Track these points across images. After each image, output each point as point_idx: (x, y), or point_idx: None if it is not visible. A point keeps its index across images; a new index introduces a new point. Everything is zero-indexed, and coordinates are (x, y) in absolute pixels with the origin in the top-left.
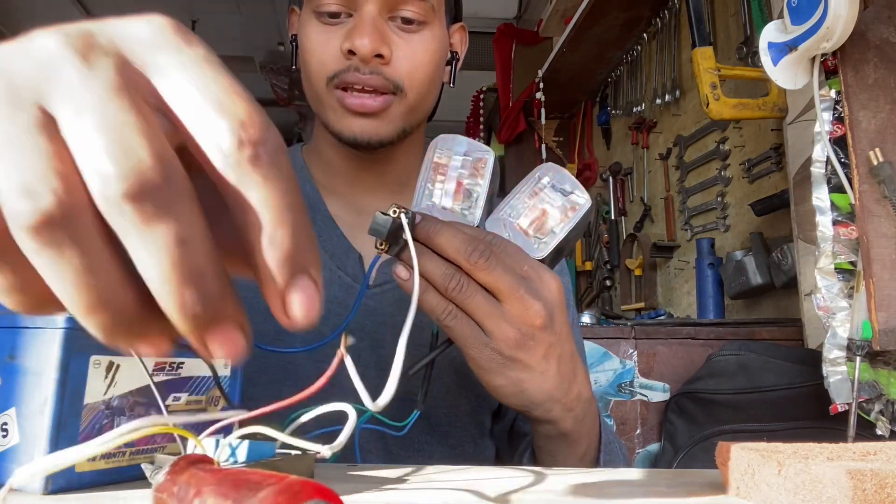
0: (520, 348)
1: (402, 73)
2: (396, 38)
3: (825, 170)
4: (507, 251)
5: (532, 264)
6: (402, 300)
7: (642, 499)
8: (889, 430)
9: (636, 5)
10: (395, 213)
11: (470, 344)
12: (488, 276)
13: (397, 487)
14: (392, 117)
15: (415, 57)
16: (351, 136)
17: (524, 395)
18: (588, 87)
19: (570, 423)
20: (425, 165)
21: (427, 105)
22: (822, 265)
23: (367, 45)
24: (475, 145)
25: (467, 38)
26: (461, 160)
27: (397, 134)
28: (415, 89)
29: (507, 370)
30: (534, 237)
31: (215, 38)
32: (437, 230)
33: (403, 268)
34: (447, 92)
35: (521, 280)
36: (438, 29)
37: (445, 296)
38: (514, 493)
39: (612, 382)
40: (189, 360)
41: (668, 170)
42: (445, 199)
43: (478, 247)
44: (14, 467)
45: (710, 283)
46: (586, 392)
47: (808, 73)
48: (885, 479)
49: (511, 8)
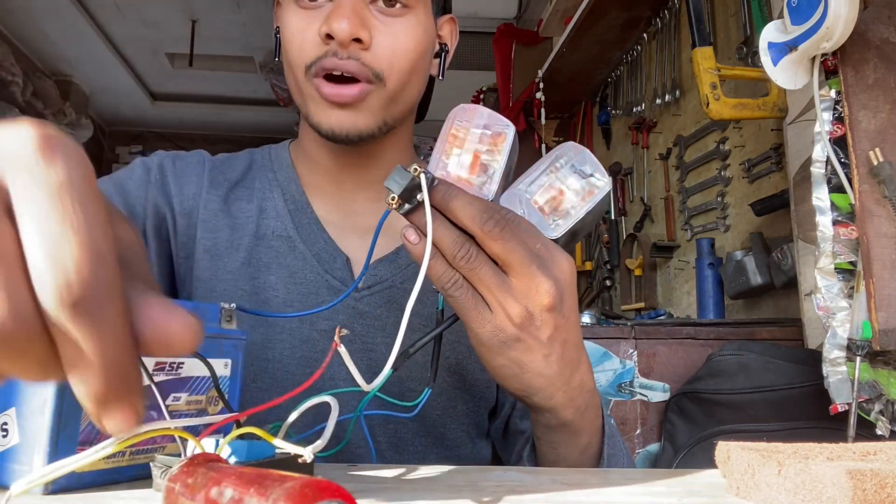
0: (524, 327)
1: (382, 60)
2: (377, 22)
3: (825, 170)
4: (521, 226)
5: (545, 242)
6: (391, 302)
7: (642, 499)
8: (889, 430)
9: (636, 5)
10: (415, 170)
11: (473, 317)
12: (501, 247)
13: (397, 487)
14: (371, 108)
15: (396, 43)
16: (328, 129)
17: (524, 377)
18: (588, 87)
19: (572, 412)
20: (441, 136)
21: (410, 96)
22: (822, 265)
23: (345, 29)
24: (495, 118)
25: (457, 32)
26: (479, 133)
27: (378, 126)
28: (395, 78)
29: (508, 349)
30: (549, 216)
31: (215, 38)
32: (452, 195)
33: (414, 231)
34: (447, 92)
35: (533, 255)
36: (423, 15)
37: (452, 264)
38: (514, 494)
39: (612, 382)
40: (189, 360)
41: (668, 170)
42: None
43: (493, 216)
44: (14, 467)
45: (710, 283)
46: (589, 382)
47: (808, 73)
48: (885, 479)
49: (511, 8)
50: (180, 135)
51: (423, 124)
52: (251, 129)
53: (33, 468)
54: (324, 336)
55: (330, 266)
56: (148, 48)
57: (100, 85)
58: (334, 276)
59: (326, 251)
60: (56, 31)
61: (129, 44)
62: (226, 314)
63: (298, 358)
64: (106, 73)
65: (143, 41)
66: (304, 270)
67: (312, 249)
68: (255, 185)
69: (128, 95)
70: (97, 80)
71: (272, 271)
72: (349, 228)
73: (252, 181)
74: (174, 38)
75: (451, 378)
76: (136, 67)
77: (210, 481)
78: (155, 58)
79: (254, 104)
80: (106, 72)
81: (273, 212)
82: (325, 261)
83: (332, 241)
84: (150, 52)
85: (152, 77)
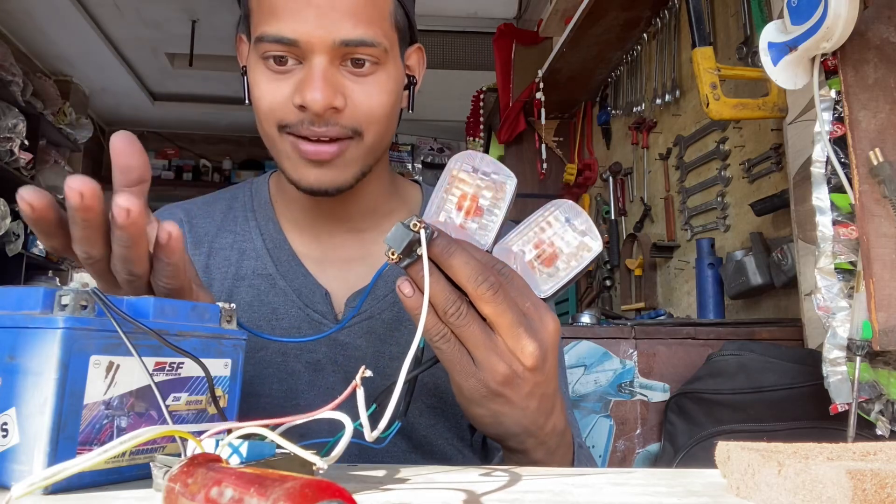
0: (506, 384)
1: (358, 119)
2: (349, 83)
3: (825, 170)
4: (513, 284)
5: (535, 302)
6: (370, 333)
7: (642, 499)
8: (889, 430)
9: (636, 5)
10: (415, 226)
11: (457, 371)
12: (492, 309)
13: (398, 487)
14: (349, 161)
15: (370, 101)
16: (308, 187)
17: (501, 426)
18: (588, 87)
19: (542, 454)
20: (444, 176)
21: (385, 142)
22: (822, 265)
23: (318, 101)
24: (499, 167)
25: (425, 59)
26: (483, 181)
27: (355, 178)
28: (372, 131)
29: (489, 402)
30: (540, 272)
31: (215, 38)
32: (451, 252)
33: (409, 284)
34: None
35: (521, 317)
36: (393, 67)
37: (443, 319)
38: (515, 493)
39: (612, 382)
40: (189, 360)
41: (668, 170)
42: (459, 217)
43: (488, 278)
44: (14, 467)
45: (710, 283)
46: (560, 425)
47: (808, 73)
48: (885, 479)
49: (511, 8)
50: (180, 135)
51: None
52: (251, 130)
53: (33, 468)
54: (308, 368)
55: (310, 300)
56: (148, 48)
57: (100, 85)
58: (315, 311)
59: (306, 286)
60: (56, 31)
61: (129, 44)
62: (226, 314)
63: (285, 391)
64: (106, 73)
65: (143, 41)
66: (286, 306)
67: (293, 285)
68: (236, 227)
69: (128, 95)
70: (97, 80)
71: (254, 309)
72: (328, 262)
73: (233, 223)
74: (174, 38)
75: (430, 399)
76: (136, 67)
77: (210, 481)
78: (155, 58)
79: None
80: (106, 72)
81: (252, 252)
82: (306, 296)
83: (311, 275)
84: (150, 52)
85: (152, 77)
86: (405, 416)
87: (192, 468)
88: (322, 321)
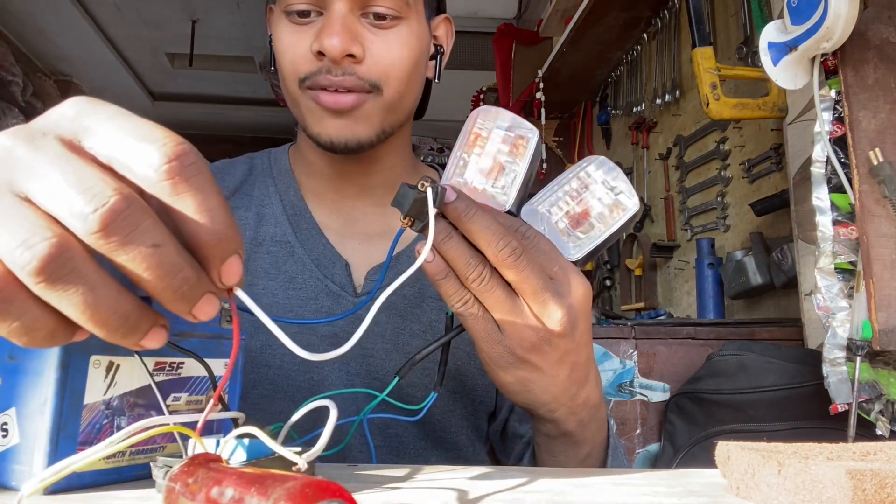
0: (534, 351)
1: (377, 72)
2: (369, 34)
3: (825, 170)
4: (539, 247)
5: (563, 265)
6: (391, 308)
7: (642, 499)
8: (889, 430)
9: (636, 5)
10: (421, 185)
11: (482, 338)
12: (515, 275)
13: (398, 487)
14: (369, 116)
15: (390, 54)
16: (328, 140)
17: (530, 394)
18: (588, 87)
19: (574, 425)
20: (462, 135)
21: (407, 103)
22: (822, 265)
23: (336, 46)
24: (519, 121)
25: (453, 31)
26: (502, 135)
27: (376, 135)
28: (392, 87)
29: (517, 369)
30: (570, 236)
31: (215, 38)
32: (471, 214)
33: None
34: (448, 92)
35: (547, 282)
36: (416, 23)
37: (465, 285)
38: (515, 493)
39: (612, 382)
40: (189, 360)
41: (668, 170)
42: (479, 176)
43: (510, 242)
44: (14, 467)
45: (710, 283)
46: (595, 398)
47: (808, 73)
48: (885, 479)
49: (511, 8)
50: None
51: (423, 124)
52: (251, 129)
53: (33, 468)
54: (324, 341)
55: (329, 271)
56: (148, 48)
57: (100, 85)
58: (334, 281)
59: (326, 256)
60: (56, 31)
61: (129, 44)
62: (226, 314)
63: (299, 363)
64: (106, 73)
65: (143, 41)
66: (304, 275)
67: (311, 254)
68: (253, 192)
69: (128, 95)
70: (97, 80)
71: (271, 277)
72: (349, 234)
73: (251, 188)
74: (174, 38)
75: (450, 383)
76: (136, 67)
77: (211, 481)
78: (155, 58)
79: (254, 104)
80: (106, 72)
81: (272, 218)
82: (325, 266)
83: (332, 246)
84: (150, 52)
85: (152, 77)
86: (441, 386)
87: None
88: (340, 293)
